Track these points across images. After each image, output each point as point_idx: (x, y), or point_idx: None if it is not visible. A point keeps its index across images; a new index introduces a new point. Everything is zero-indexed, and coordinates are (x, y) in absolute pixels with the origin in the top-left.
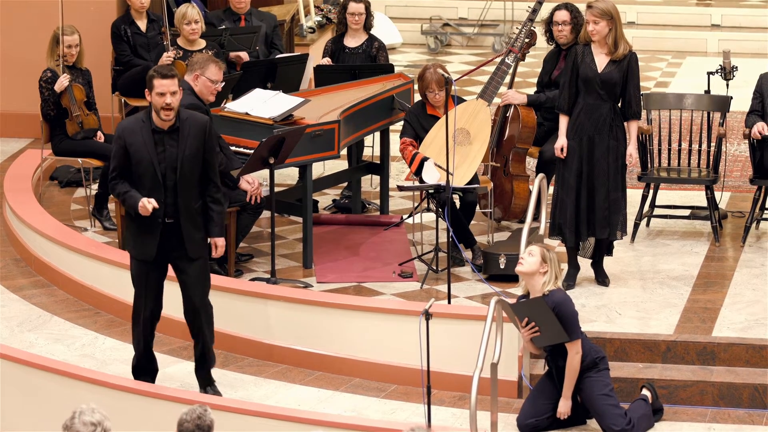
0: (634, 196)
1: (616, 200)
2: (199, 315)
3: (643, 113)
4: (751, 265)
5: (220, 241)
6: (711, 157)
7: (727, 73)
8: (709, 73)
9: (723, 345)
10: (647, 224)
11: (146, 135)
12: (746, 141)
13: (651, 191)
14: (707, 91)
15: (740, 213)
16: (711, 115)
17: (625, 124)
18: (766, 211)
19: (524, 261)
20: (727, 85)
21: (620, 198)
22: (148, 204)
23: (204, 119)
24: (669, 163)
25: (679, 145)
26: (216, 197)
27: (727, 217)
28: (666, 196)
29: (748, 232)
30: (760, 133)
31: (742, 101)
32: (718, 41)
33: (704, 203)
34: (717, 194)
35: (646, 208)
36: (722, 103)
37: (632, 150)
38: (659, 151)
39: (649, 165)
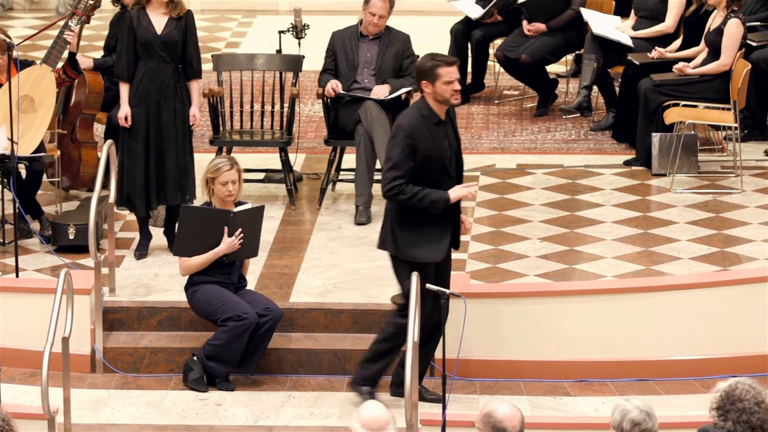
0: (206, 160)
1: (186, 164)
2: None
3: (214, 75)
4: (327, 228)
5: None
6: (285, 119)
7: (298, 31)
8: (280, 32)
9: (301, 311)
10: None
11: (432, 129)
12: (320, 101)
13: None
14: (279, 51)
15: (316, 175)
16: (284, 75)
17: (188, 84)
18: (341, 173)
19: None
20: (299, 44)
21: (189, 162)
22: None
23: None
24: (242, 126)
25: (252, 106)
26: None
27: (302, 180)
28: (240, 159)
29: (324, 194)
30: (334, 90)
31: (314, 60)
32: None
33: (279, 166)
34: (291, 156)
35: None
36: (294, 63)
37: (195, 110)
38: (231, 113)
39: (221, 128)
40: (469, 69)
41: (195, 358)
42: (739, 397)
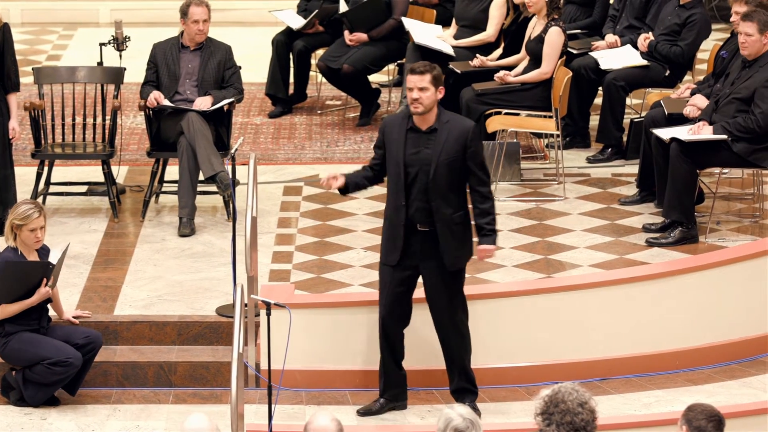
0: (28, 173)
1: (6, 178)
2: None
3: (35, 88)
4: (151, 240)
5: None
6: (107, 131)
7: (119, 43)
8: (101, 45)
9: (126, 323)
10: (43, 202)
11: (402, 134)
12: (142, 113)
13: (46, 168)
14: (100, 63)
15: (139, 187)
16: (105, 88)
17: (6, 97)
18: (165, 184)
19: None
20: (120, 56)
21: (10, 175)
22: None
23: (468, 124)
24: (63, 139)
25: (74, 119)
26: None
27: (125, 192)
28: (62, 172)
29: (147, 206)
30: (156, 101)
31: (136, 72)
32: (110, 11)
33: (101, 179)
34: (114, 168)
35: (42, 186)
36: (116, 75)
37: (14, 123)
38: (53, 126)
39: (42, 141)
40: (291, 80)
41: (14, 374)
42: (562, 399)
